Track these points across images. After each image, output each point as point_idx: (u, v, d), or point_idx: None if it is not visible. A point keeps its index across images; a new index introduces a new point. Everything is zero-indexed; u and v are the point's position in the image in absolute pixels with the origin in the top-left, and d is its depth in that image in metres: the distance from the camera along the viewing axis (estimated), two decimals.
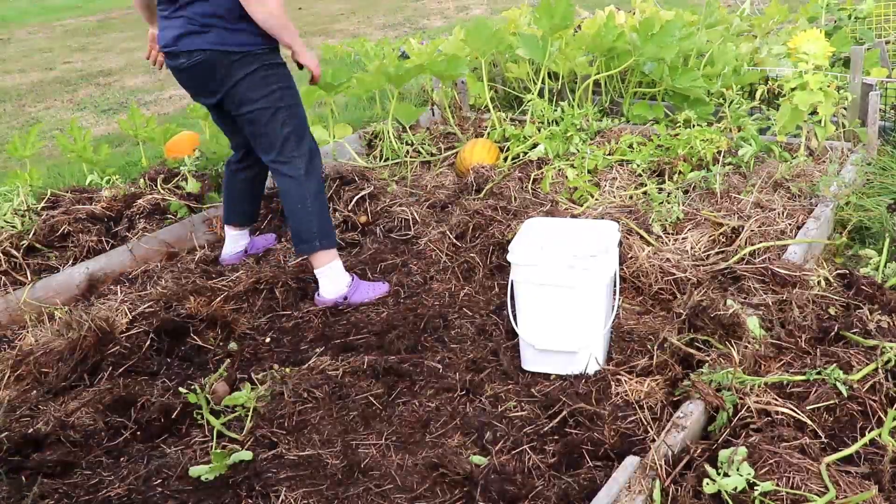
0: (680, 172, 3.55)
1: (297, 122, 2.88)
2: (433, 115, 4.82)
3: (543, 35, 4.21)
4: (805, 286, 2.62)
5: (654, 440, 2.05)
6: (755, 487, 1.77)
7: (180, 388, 2.47)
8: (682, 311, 2.59)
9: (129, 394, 2.43)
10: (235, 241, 3.34)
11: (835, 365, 2.18)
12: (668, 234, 3.09)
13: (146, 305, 2.84)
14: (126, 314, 2.79)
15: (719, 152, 3.56)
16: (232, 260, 3.33)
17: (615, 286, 2.59)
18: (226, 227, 3.35)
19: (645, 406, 2.25)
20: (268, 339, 2.77)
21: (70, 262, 3.32)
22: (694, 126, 3.75)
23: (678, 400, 2.22)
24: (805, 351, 2.32)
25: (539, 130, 4.09)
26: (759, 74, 4.23)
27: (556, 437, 2.19)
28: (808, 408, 2.06)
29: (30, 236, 3.40)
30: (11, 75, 8.85)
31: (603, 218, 3.18)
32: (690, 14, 4.93)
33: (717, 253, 2.95)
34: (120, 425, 2.34)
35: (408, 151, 4.35)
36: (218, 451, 2.15)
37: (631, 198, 3.43)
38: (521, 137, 4.10)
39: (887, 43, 4.83)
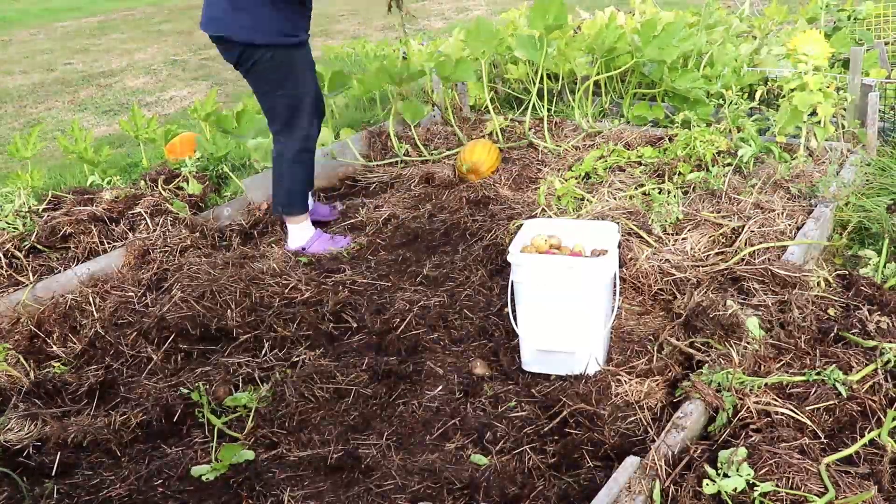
0: (679, 173, 3.55)
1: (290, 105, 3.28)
2: (434, 115, 4.83)
3: (539, 36, 4.22)
4: (805, 287, 2.62)
5: (653, 440, 2.05)
6: (755, 488, 1.77)
7: (182, 388, 2.48)
8: (681, 311, 2.59)
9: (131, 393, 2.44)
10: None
11: (834, 366, 2.19)
12: (668, 234, 3.09)
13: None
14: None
15: (719, 153, 3.56)
16: (328, 216, 3.74)
17: (615, 287, 2.60)
18: None
19: (645, 406, 2.25)
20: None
21: (73, 264, 3.32)
22: (693, 127, 3.76)
23: (678, 400, 2.22)
24: (805, 352, 2.33)
25: None
26: (758, 75, 4.24)
27: (556, 438, 2.20)
28: (807, 408, 2.06)
29: (32, 237, 3.41)
30: (13, 76, 8.86)
31: (603, 219, 3.18)
32: (690, 15, 4.93)
33: (717, 254, 2.96)
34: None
35: (407, 151, 4.36)
36: (227, 444, 2.16)
37: (631, 199, 3.43)
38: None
39: (886, 44, 4.83)
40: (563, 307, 2.40)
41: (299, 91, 3.28)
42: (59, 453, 2.23)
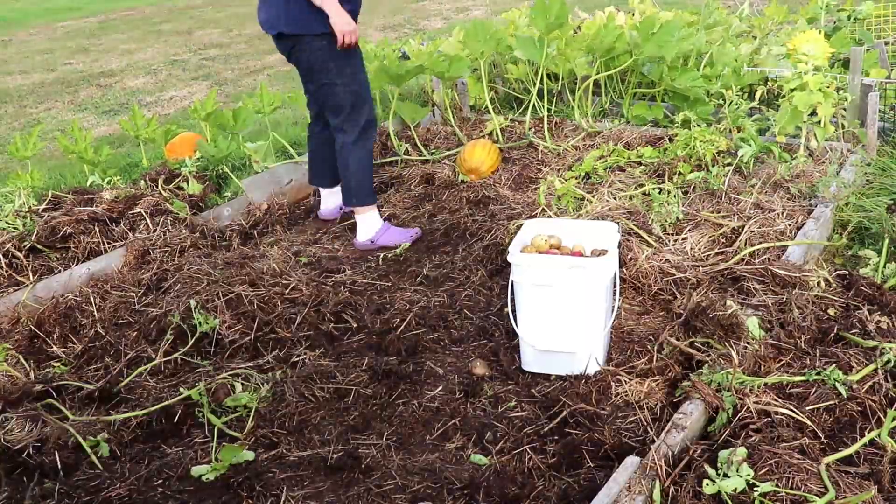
0: (679, 173, 3.55)
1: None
2: (434, 115, 4.83)
3: (540, 36, 4.22)
4: (805, 287, 2.62)
5: (654, 440, 2.05)
6: (755, 488, 1.77)
7: (182, 388, 2.48)
8: (681, 311, 2.59)
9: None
10: (327, 198, 3.78)
11: (834, 366, 2.19)
12: (668, 234, 3.09)
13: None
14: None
15: (719, 153, 3.56)
16: (329, 215, 3.75)
17: (615, 287, 2.60)
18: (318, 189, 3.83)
19: (645, 406, 2.25)
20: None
21: (73, 264, 3.32)
22: (693, 127, 3.75)
23: (678, 400, 2.22)
24: (805, 352, 2.33)
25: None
26: (758, 75, 4.24)
27: (556, 438, 2.20)
28: (807, 408, 2.06)
29: (32, 237, 3.41)
30: (13, 76, 8.86)
31: (603, 219, 3.18)
32: (689, 15, 4.93)
33: (717, 254, 2.95)
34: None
35: (407, 151, 4.36)
36: (227, 445, 2.16)
37: (631, 199, 3.43)
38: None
39: (886, 44, 4.83)
40: (563, 307, 2.40)
41: (358, 78, 3.34)
42: (58, 453, 2.22)
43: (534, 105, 4.40)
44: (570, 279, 2.37)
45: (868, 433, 1.99)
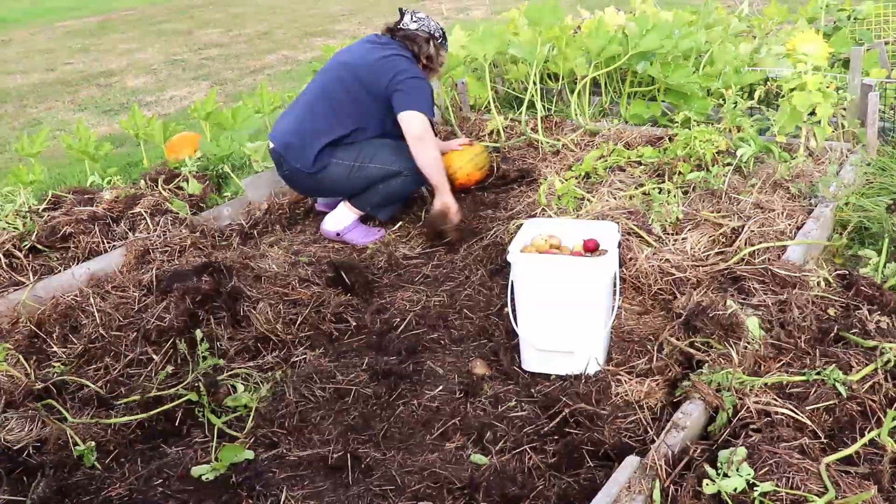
0: (679, 173, 3.55)
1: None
2: (434, 115, 4.82)
3: (533, 37, 4.23)
4: (805, 287, 2.62)
5: (653, 440, 2.05)
6: (755, 488, 1.77)
7: (182, 388, 2.48)
8: (681, 311, 2.59)
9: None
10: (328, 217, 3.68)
11: (834, 365, 2.19)
12: (668, 234, 3.09)
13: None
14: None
15: (719, 153, 3.56)
16: (330, 234, 3.60)
17: (615, 287, 2.60)
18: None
19: (645, 406, 2.25)
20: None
21: (73, 264, 3.32)
22: (693, 126, 3.75)
23: (678, 400, 2.22)
24: (805, 351, 2.33)
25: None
26: (758, 75, 4.24)
27: (556, 438, 2.20)
28: (807, 408, 2.06)
29: (32, 237, 3.41)
30: (13, 76, 8.86)
31: (603, 219, 3.18)
32: (689, 14, 4.93)
33: (717, 253, 2.95)
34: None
35: None
36: (227, 445, 2.16)
37: (630, 198, 3.43)
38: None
39: (886, 44, 4.83)
40: (563, 307, 2.40)
41: (373, 157, 3.43)
42: (58, 453, 2.23)
43: (534, 105, 4.40)
44: (570, 279, 2.37)
45: (868, 433, 1.99)
